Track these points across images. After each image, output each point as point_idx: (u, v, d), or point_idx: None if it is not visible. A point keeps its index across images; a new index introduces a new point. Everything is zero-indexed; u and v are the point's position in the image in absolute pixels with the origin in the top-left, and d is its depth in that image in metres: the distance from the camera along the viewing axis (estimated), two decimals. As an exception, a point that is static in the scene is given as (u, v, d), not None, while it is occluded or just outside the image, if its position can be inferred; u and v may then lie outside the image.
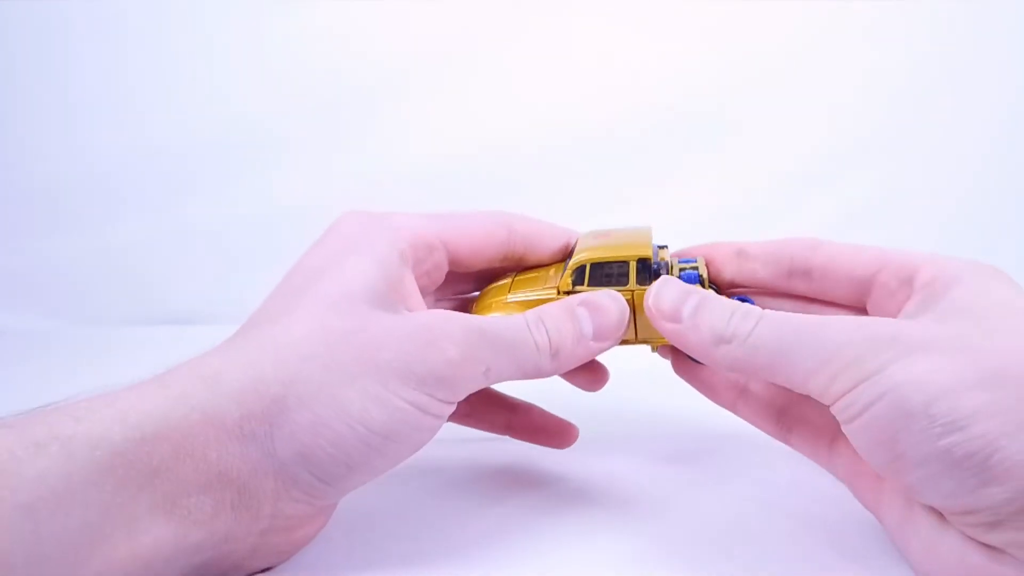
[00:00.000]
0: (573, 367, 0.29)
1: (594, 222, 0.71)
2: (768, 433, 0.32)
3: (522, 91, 0.71)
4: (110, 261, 0.73)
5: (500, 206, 0.72)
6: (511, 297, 0.31)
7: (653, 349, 0.33)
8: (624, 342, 0.30)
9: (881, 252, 0.30)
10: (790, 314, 0.26)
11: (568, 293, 0.30)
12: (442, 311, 0.27)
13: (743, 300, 0.29)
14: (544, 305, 0.29)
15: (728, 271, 0.33)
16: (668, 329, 0.27)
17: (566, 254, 0.33)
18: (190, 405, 0.23)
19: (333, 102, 0.72)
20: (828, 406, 0.24)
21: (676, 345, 0.28)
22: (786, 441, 0.32)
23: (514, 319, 0.28)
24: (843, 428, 0.24)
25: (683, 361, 0.34)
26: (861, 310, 0.31)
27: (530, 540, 0.29)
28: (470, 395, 0.27)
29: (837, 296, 0.31)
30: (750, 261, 0.33)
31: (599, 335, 0.29)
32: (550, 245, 0.33)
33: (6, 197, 0.74)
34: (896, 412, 0.22)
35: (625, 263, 0.30)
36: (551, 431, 0.36)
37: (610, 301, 0.29)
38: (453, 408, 0.26)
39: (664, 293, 0.28)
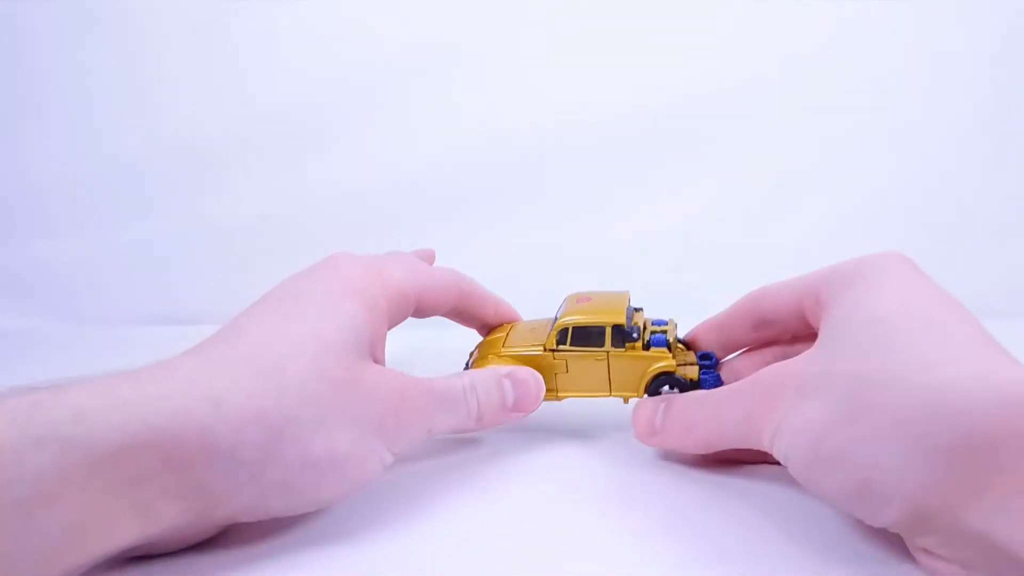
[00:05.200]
0: (492, 427, 0.34)
1: (591, 223, 0.72)
2: None
3: (523, 90, 0.71)
4: (111, 261, 0.74)
5: (502, 203, 0.72)
6: (505, 351, 0.37)
7: (625, 402, 0.37)
8: (599, 395, 0.37)
9: (802, 280, 0.33)
10: (692, 397, 0.33)
11: (552, 350, 0.36)
12: (408, 377, 0.31)
13: (706, 355, 0.38)
14: (477, 372, 0.34)
15: (713, 345, 0.38)
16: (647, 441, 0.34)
17: (498, 321, 0.41)
18: (188, 422, 0.23)
19: (337, 105, 0.72)
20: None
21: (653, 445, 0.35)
22: None
23: (454, 385, 0.33)
24: None
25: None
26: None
27: (524, 544, 0.29)
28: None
29: (795, 331, 0.34)
30: (723, 331, 0.37)
31: (518, 406, 0.34)
32: (487, 309, 0.40)
33: (7, 197, 0.74)
34: (799, 461, 0.26)
35: (603, 327, 0.36)
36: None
37: (531, 377, 0.35)
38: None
39: (637, 417, 0.35)
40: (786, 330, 0.35)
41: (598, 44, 0.71)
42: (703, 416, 0.32)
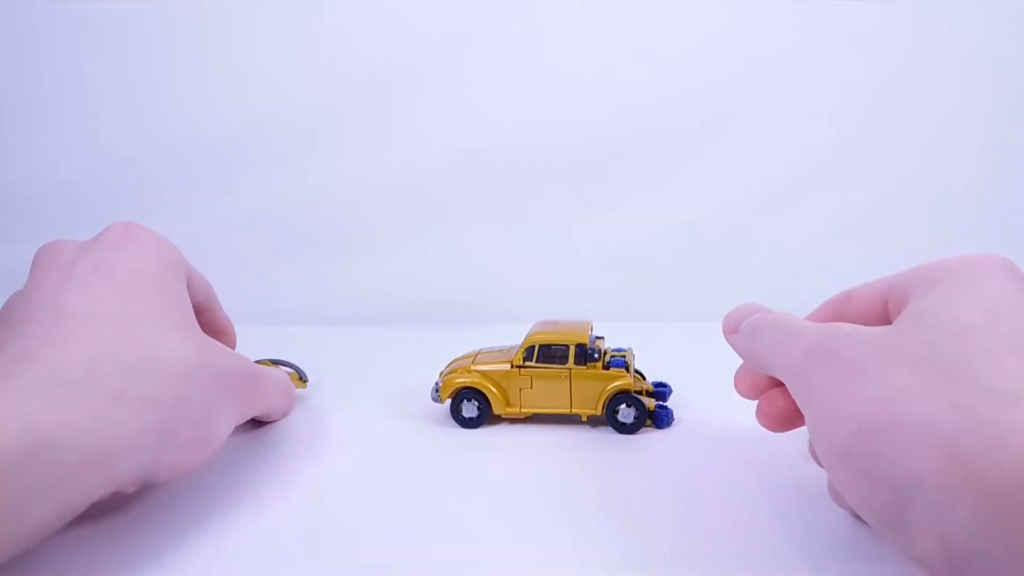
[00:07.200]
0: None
1: (589, 223, 0.71)
2: None
3: (522, 91, 0.71)
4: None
5: (500, 204, 0.71)
6: (475, 367, 0.39)
7: (584, 419, 0.38)
8: (560, 411, 0.38)
9: (889, 278, 0.29)
10: (780, 319, 0.30)
11: (519, 367, 0.38)
12: (247, 359, 0.33)
13: (662, 384, 0.40)
14: (269, 371, 0.37)
15: None
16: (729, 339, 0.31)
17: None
18: (93, 428, 0.24)
19: (337, 107, 0.72)
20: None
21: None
22: None
23: (281, 376, 0.37)
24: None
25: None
26: None
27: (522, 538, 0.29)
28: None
29: None
30: None
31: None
32: (218, 312, 0.41)
33: (8, 197, 0.74)
34: (830, 451, 0.24)
35: (566, 346, 0.38)
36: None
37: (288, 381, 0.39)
38: None
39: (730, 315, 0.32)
40: None
41: (595, 46, 0.71)
42: (770, 335, 0.29)
